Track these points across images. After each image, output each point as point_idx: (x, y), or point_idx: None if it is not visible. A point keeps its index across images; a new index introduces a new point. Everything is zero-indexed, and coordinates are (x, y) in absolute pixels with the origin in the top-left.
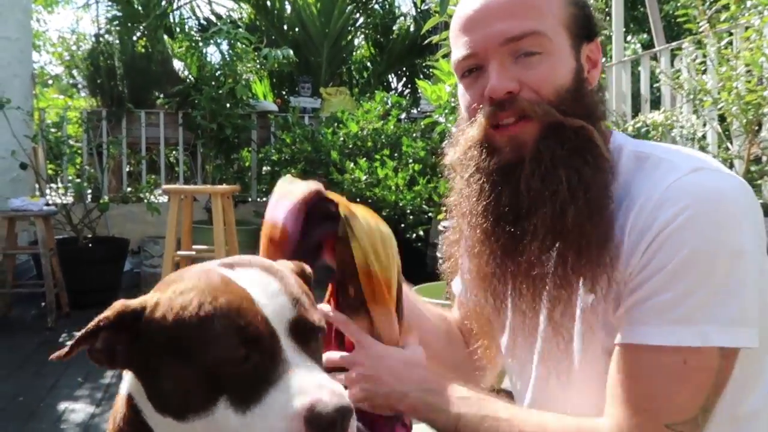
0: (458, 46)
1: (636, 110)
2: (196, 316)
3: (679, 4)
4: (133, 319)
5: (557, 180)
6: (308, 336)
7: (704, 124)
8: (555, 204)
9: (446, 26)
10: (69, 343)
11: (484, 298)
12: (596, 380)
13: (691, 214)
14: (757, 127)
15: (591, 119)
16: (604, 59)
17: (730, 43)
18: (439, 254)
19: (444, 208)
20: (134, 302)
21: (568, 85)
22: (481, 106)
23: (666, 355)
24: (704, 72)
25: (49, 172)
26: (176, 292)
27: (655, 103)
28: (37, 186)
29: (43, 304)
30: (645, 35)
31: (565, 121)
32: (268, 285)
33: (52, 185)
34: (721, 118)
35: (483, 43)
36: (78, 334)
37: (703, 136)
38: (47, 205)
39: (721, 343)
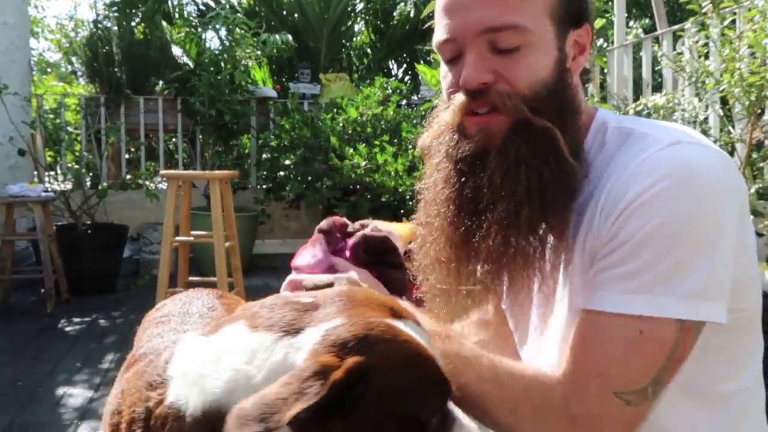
0: (439, 27)
1: (637, 95)
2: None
3: None
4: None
5: (517, 179)
6: None
7: (706, 107)
8: (511, 202)
9: None
10: None
11: (438, 282)
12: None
13: (665, 185)
14: (759, 110)
15: (563, 116)
16: (606, 44)
17: (734, 23)
18: None
19: (416, 190)
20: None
21: (545, 78)
22: (456, 92)
23: (622, 323)
24: (707, 55)
25: (48, 158)
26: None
27: (657, 88)
28: (35, 172)
29: (42, 290)
30: (647, 20)
31: (533, 119)
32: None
33: (51, 172)
34: (724, 102)
35: (461, 29)
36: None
37: (705, 120)
38: (45, 191)
39: (678, 315)
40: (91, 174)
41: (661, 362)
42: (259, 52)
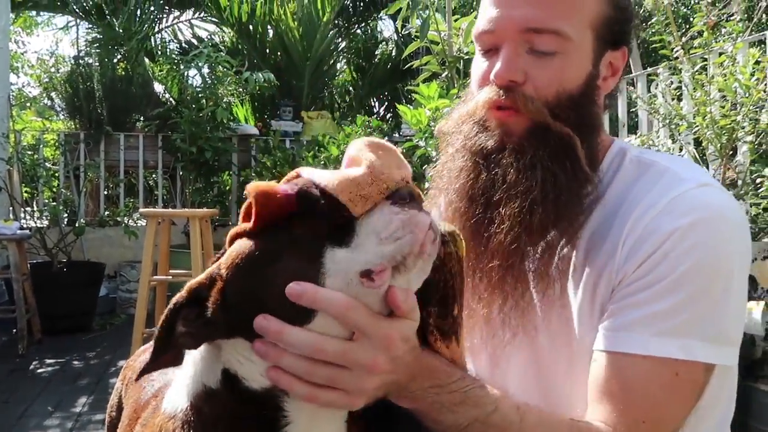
0: (482, 16)
1: (614, 135)
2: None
3: (654, 31)
4: (208, 289)
5: (533, 178)
6: None
7: (680, 149)
8: (525, 201)
9: (427, 51)
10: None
11: None
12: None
13: (702, 227)
14: (731, 152)
15: (583, 129)
16: None
17: (705, 68)
18: None
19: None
20: (200, 277)
21: (573, 90)
22: (485, 84)
23: (659, 366)
24: (679, 97)
25: (24, 195)
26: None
27: (633, 128)
28: (11, 209)
29: (14, 330)
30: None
31: (553, 125)
32: None
33: (27, 208)
34: (697, 143)
35: (503, 23)
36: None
37: None
38: (21, 228)
39: (704, 358)
40: (68, 211)
41: (692, 403)
42: (241, 90)
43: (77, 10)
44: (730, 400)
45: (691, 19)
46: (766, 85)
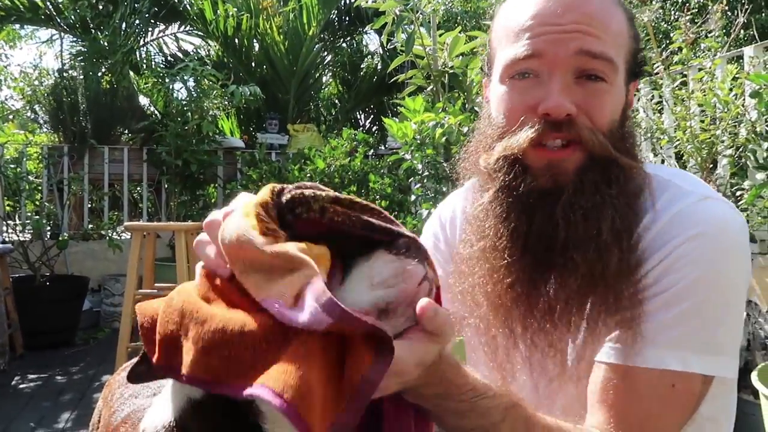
0: (517, 40)
1: None
2: None
3: None
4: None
5: (602, 218)
6: None
7: (662, 162)
8: (599, 245)
9: (412, 65)
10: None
11: (496, 327)
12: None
13: (704, 241)
14: (711, 165)
15: (633, 158)
16: None
17: (684, 83)
18: None
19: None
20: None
21: (617, 119)
22: (525, 118)
23: (656, 377)
24: (660, 112)
25: (7, 208)
26: None
27: None
28: None
29: None
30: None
31: (620, 159)
32: None
33: (9, 222)
34: (678, 156)
35: (554, 46)
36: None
37: None
38: (3, 242)
39: (701, 370)
40: (51, 224)
41: (688, 414)
42: (227, 103)
43: (61, 23)
44: (731, 416)
45: (671, 35)
46: (743, 100)
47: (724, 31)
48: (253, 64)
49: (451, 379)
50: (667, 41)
